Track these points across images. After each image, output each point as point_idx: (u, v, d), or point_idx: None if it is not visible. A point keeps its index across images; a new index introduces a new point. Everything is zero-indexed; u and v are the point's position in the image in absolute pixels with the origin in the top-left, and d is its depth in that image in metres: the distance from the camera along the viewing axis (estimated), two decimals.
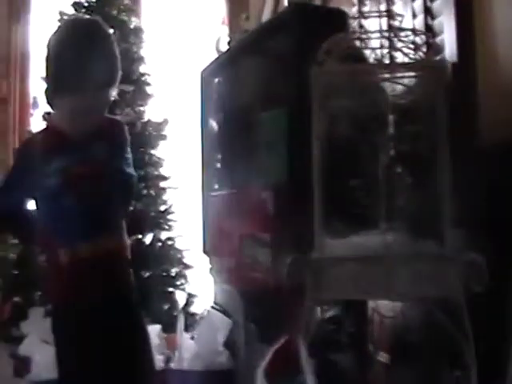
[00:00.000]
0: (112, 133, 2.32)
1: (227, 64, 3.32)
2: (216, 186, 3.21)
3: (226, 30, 5.33)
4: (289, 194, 2.47)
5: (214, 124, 3.49)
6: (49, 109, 2.55)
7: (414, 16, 2.68)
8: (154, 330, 2.87)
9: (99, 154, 2.23)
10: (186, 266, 4.21)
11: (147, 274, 3.97)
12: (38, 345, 2.88)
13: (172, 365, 2.88)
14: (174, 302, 4.01)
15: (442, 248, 2.04)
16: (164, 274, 4.12)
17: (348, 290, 1.95)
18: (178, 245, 4.25)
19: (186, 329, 3.03)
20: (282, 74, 2.76)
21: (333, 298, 1.98)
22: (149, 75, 4.59)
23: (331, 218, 2.09)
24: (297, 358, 1.88)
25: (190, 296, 4.10)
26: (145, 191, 4.13)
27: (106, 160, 2.23)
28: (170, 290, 4.10)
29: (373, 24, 2.43)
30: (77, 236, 2.16)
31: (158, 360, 2.90)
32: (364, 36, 2.30)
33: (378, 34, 2.29)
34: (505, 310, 1.77)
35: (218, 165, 3.33)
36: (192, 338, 2.92)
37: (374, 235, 2.03)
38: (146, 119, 4.42)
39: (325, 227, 2.04)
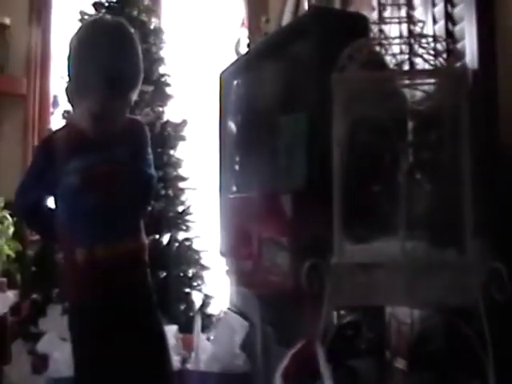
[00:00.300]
0: (132, 133, 2.33)
1: (247, 66, 3.33)
2: (234, 189, 3.22)
3: (245, 32, 5.34)
4: (308, 198, 2.48)
5: (232, 126, 3.50)
6: (69, 107, 2.57)
7: (435, 22, 2.68)
8: (170, 331, 2.88)
9: (120, 154, 2.24)
10: (203, 267, 4.22)
11: (164, 275, 3.98)
12: (56, 342, 2.91)
13: (188, 366, 2.89)
14: (190, 303, 4.03)
15: (463, 256, 2.04)
16: (181, 274, 4.13)
17: (367, 297, 1.96)
18: (195, 246, 4.27)
19: (203, 330, 3.04)
20: (303, 77, 2.76)
21: (351, 304, 1.98)
22: (168, 76, 4.61)
23: (351, 223, 2.10)
24: (315, 363, 1.89)
25: (207, 297, 4.12)
26: (163, 192, 4.14)
27: (126, 160, 2.24)
28: (187, 290, 4.12)
29: (393, 30, 2.44)
30: (94, 235, 2.17)
31: (175, 360, 2.91)
32: (384, 42, 2.30)
33: (398, 40, 2.30)
34: None
35: (237, 167, 3.34)
36: (208, 339, 2.94)
37: (393, 242, 2.03)
38: (165, 120, 4.44)
39: (344, 232, 2.05)
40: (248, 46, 4.53)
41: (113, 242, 2.19)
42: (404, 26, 2.45)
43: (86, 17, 4.36)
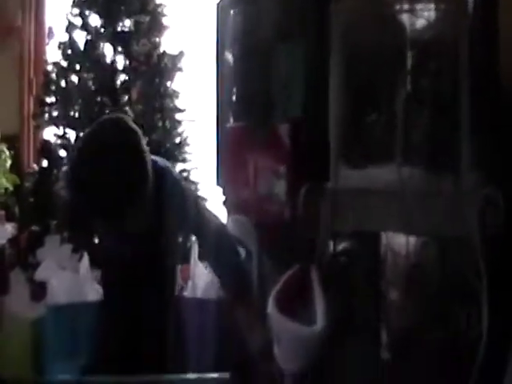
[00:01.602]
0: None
1: None
2: (231, 119, 3.20)
3: None
4: (306, 126, 2.47)
5: (230, 56, 3.46)
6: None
7: None
8: None
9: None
10: (200, 199, 4.23)
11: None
12: (55, 270, 2.93)
13: (185, 293, 2.92)
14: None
15: (459, 184, 2.05)
16: None
17: (363, 222, 1.97)
18: (192, 177, 4.27)
19: (200, 259, 3.06)
20: (301, 5, 2.72)
21: (347, 230, 1.99)
22: (165, 6, 4.54)
23: (348, 149, 2.10)
24: (308, 288, 1.92)
25: None
26: (160, 123, 4.13)
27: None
28: None
29: None
30: None
31: None
32: None
33: None
34: None
35: (234, 98, 3.31)
36: (206, 267, 2.96)
37: (390, 168, 2.04)
38: (161, 51, 4.39)
39: (341, 158, 2.05)
40: None
41: None
42: None
43: None
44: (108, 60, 4.48)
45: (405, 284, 2.96)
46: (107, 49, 4.41)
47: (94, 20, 4.42)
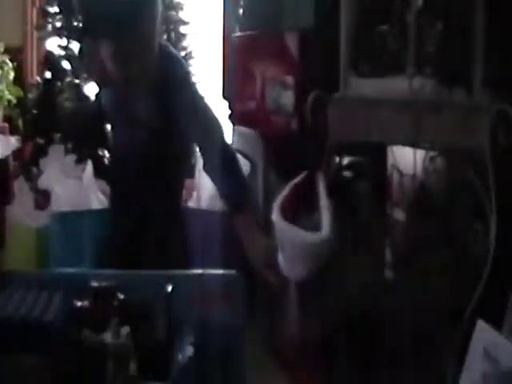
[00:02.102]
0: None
1: None
2: (238, 29, 3.14)
3: None
4: (315, 36, 2.42)
5: None
6: None
7: None
8: None
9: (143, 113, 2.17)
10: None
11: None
12: (58, 178, 2.92)
13: (190, 204, 2.92)
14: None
15: (471, 97, 2.01)
16: None
17: (373, 133, 1.94)
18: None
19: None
20: None
21: (355, 139, 1.96)
22: None
23: (358, 60, 2.05)
24: (314, 195, 1.90)
25: None
26: (165, 36, 4.04)
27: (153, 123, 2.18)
28: None
29: None
30: None
31: None
32: None
33: None
34: None
35: (241, 7, 3.24)
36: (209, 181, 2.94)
37: (401, 79, 1.99)
38: None
39: (351, 68, 2.01)
40: None
41: None
42: None
43: None
44: None
45: (411, 202, 2.96)
46: None
47: None
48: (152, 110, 2.10)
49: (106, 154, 3.33)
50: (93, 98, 3.72)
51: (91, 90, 3.80)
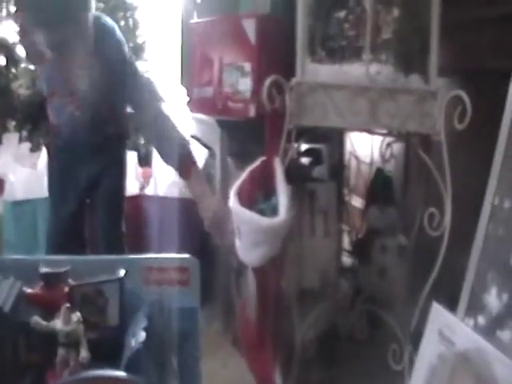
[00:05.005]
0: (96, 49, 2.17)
1: None
2: (195, 15, 3.12)
3: None
4: (272, 21, 2.41)
5: None
6: None
7: None
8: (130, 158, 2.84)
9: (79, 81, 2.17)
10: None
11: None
12: (12, 166, 2.87)
13: (147, 191, 2.89)
14: None
15: (426, 83, 2.03)
16: None
17: (330, 118, 1.94)
18: (154, 78, 4.16)
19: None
20: None
21: (312, 124, 1.96)
22: None
23: (315, 46, 2.05)
24: (272, 180, 1.89)
25: None
26: (123, 22, 3.98)
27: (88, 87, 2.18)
28: None
29: None
30: None
31: (134, 186, 2.91)
32: None
33: None
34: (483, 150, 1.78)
35: None
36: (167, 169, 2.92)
37: (358, 65, 2.00)
38: None
39: (308, 54, 2.00)
40: None
41: None
42: None
43: None
44: None
45: (368, 187, 2.98)
46: None
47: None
48: (91, 81, 2.13)
49: None
50: None
51: None
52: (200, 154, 2.79)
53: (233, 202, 1.84)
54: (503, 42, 2.24)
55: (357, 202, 3.29)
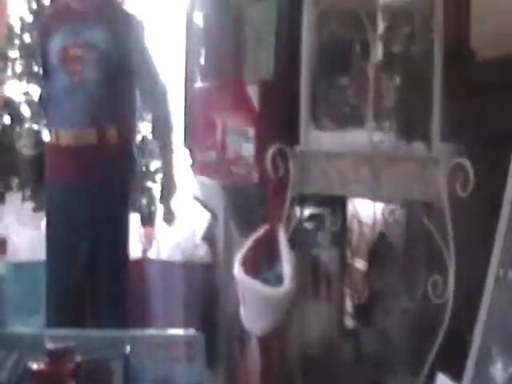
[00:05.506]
0: (117, 21, 2.24)
1: None
2: (199, 79, 3.15)
3: None
4: (275, 87, 2.43)
5: (199, 18, 3.40)
6: None
7: None
8: (132, 219, 2.85)
9: (96, 37, 2.18)
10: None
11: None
12: (15, 227, 2.88)
13: (149, 254, 2.89)
14: (152, 197, 3.99)
15: (429, 151, 2.05)
16: (143, 168, 4.08)
17: (333, 186, 1.95)
18: None
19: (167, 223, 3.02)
20: None
21: (316, 192, 1.97)
22: None
23: (318, 113, 2.08)
24: (275, 248, 1.90)
25: None
26: None
27: (105, 46, 2.17)
28: (149, 184, 4.08)
29: None
30: (62, 119, 2.14)
31: (136, 249, 2.91)
32: None
33: None
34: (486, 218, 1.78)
35: (202, 60, 3.26)
36: (171, 230, 2.93)
37: (361, 133, 2.02)
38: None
39: (312, 121, 2.03)
40: None
41: (76, 129, 2.15)
42: None
43: None
44: None
45: (371, 251, 2.98)
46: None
47: None
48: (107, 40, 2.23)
49: None
50: None
51: None
52: (203, 216, 2.80)
53: (238, 270, 1.84)
54: (506, 108, 2.27)
55: (359, 263, 3.28)
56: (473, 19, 2.46)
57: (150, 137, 4.12)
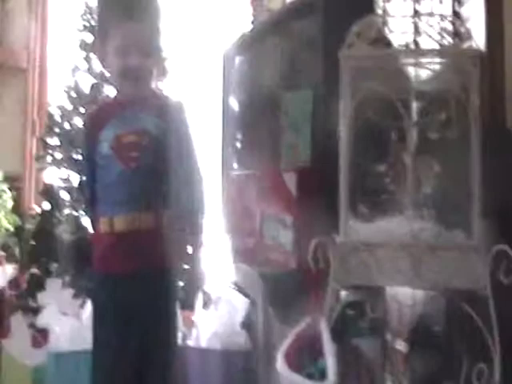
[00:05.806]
0: (165, 109, 2.30)
1: (251, 43, 3.30)
2: (236, 166, 3.20)
3: (249, 9, 5.27)
4: (313, 176, 2.46)
5: (235, 103, 3.47)
6: None
7: (441, 1, 2.64)
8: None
9: (147, 123, 2.23)
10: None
11: None
12: (57, 316, 2.89)
13: (189, 342, 2.88)
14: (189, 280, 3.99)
15: (470, 238, 2.03)
16: None
17: (373, 276, 1.95)
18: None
19: (204, 307, 3.03)
20: (308, 54, 2.74)
21: (357, 284, 1.97)
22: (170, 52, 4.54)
23: (357, 202, 2.09)
24: (318, 342, 1.88)
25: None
26: None
27: (156, 132, 2.23)
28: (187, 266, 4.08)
29: (396, 8, 2.42)
30: (116, 206, 2.17)
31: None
32: (389, 20, 2.28)
33: (404, 19, 2.28)
34: None
35: (238, 145, 3.32)
36: (209, 316, 2.92)
37: (400, 222, 2.02)
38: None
39: (350, 211, 2.03)
40: (252, 23, 4.47)
41: (132, 214, 2.18)
42: (408, 5, 2.43)
43: None
44: None
45: (412, 333, 2.94)
46: (111, 92, 4.42)
47: (99, 64, 4.44)
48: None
49: None
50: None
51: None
52: (241, 303, 2.79)
53: (281, 365, 1.83)
54: None
55: (400, 345, 3.23)
56: (508, 100, 2.47)
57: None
